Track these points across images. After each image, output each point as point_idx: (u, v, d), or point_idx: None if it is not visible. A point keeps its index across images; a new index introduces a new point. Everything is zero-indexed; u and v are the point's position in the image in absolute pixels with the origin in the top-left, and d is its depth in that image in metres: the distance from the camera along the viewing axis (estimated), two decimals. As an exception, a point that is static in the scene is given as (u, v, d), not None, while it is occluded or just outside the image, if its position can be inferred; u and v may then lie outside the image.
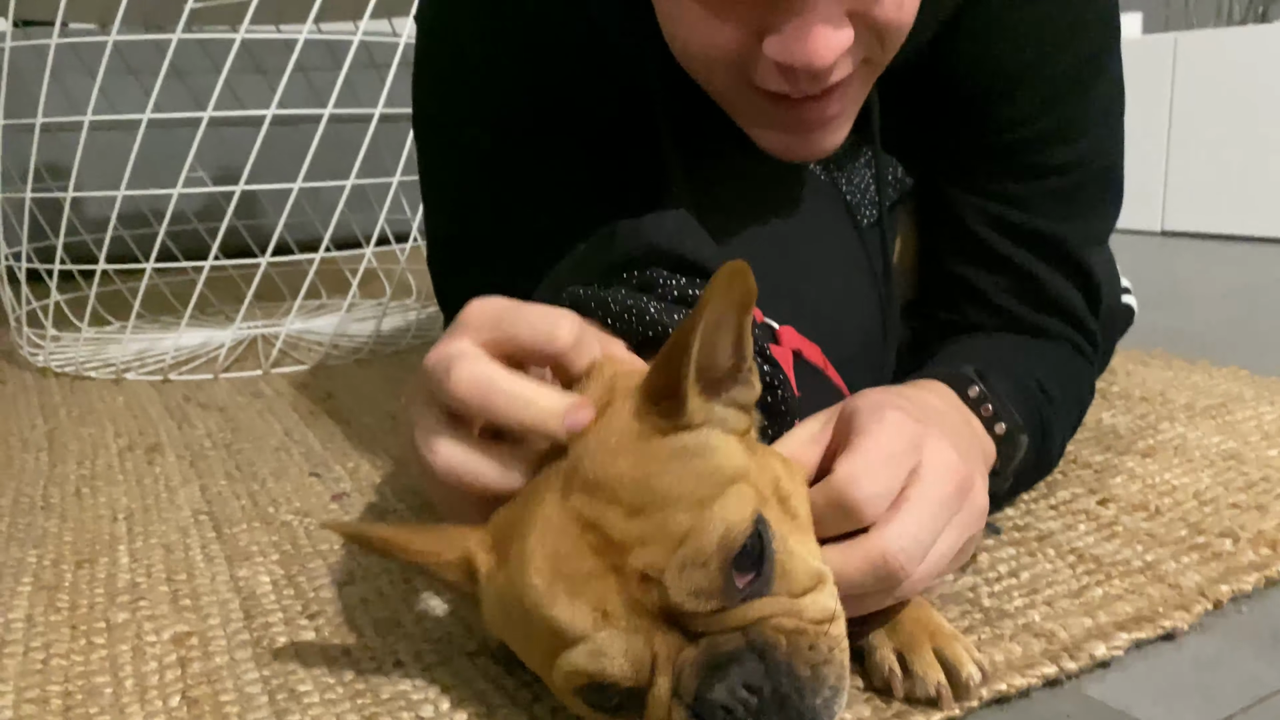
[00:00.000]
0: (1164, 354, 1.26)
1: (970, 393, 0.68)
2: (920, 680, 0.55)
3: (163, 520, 0.87)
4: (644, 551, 0.48)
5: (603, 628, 0.48)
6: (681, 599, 0.47)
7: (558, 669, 0.49)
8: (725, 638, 0.48)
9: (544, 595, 0.49)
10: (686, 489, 0.49)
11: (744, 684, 0.47)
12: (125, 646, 0.66)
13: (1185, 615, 0.64)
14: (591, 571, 0.48)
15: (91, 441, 1.11)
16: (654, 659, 0.48)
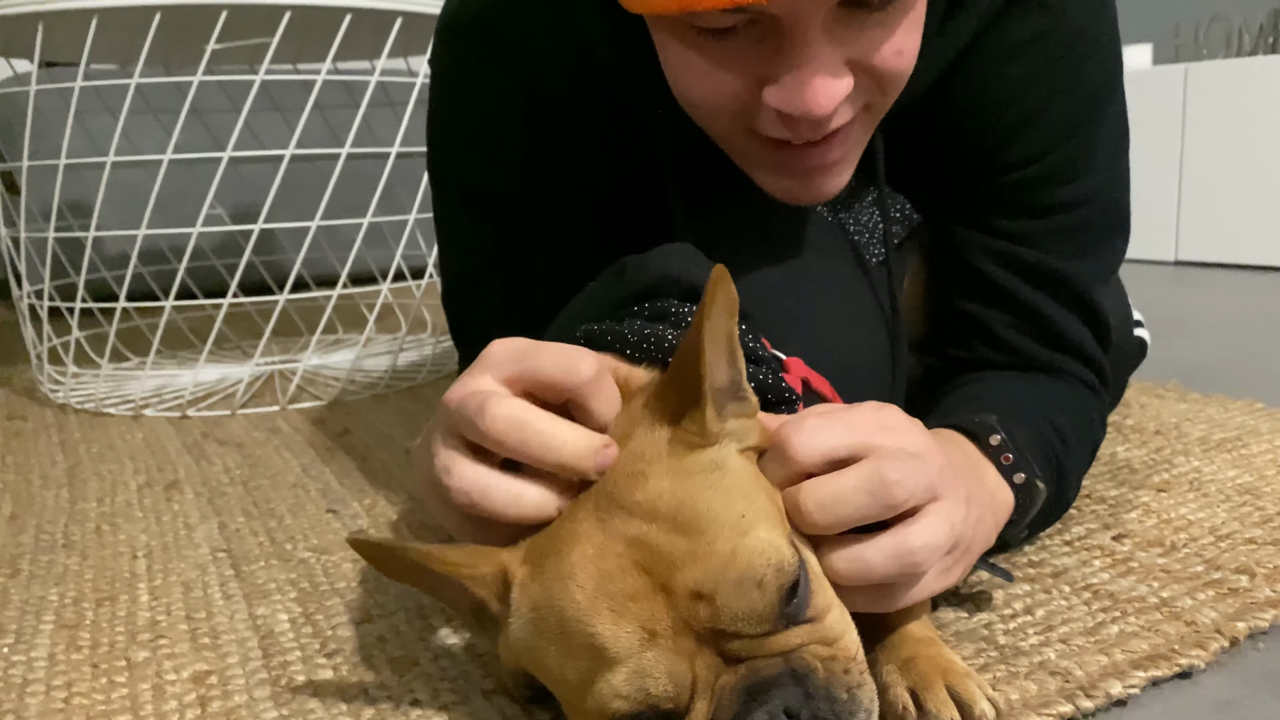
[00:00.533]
0: (1178, 387, 1.26)
1: (992, 441, 0.68)
2: (934, 718, 0.55)
3: (181, 558, 0.88)
4: (695, 569, 0.48)
5: (649, 648, 0.48)
6: (734, 619, 0.48)
7: (596, 691, 0.49)
8: (766, 662, 0.49)
9: (587, 611, 0.49)
10: (726, 506, 0.50)
11: (785, 709, 0.48)
12: (145, 685, 0.66)
13: (1202, 653, 0.64)
14: (638, 589, 0.49)
15: (111, 479, 1.12)
16: (694, 683, 0.48)
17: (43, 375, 1.54)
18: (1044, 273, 0.83)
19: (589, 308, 0.71)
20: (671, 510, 0.50)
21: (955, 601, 0.72)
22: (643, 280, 0.68)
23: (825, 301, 0.82)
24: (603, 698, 0.49)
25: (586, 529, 0.52)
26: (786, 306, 0.79)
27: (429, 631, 0.72)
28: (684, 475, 0.52)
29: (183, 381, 1.51)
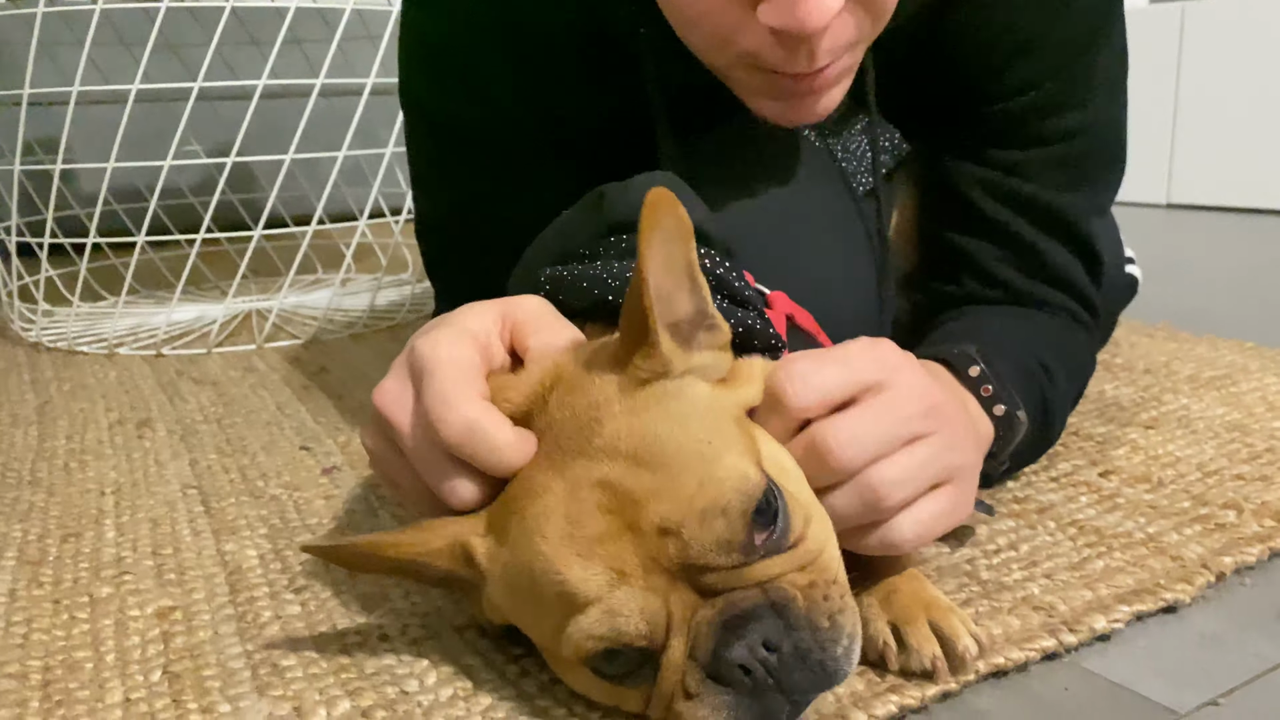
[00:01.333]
0: (1169, 326, 1.24)
1: (971, 372, 0.67)
2: (915, 653, 0.54)
3: (151, 494, 0.86)
4: (660, 505, 0.47)
5: (619, 587, 0.46)
6: (703, 551, 0.46)
7: (568, 635, 0.47)
8: (743, 594, 0.47)
9: (555, 561, 0.47)
10: (689, 438, 0.48)
11: (764, 641, 0.46)
12: (108, 621, 0.65)
13: (1187, 588, 0.63)
14: (604, 532, 0.47)
15: (82, 416, 1.09)
16: (669, 620, 0.47)
17: (14, 314, 1.51)
18: (1036, 205, 0.80)
19: (564, 240, 0.68)
20: (631, 448, 0.48)
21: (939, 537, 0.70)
22: (621, 211, 0.65)
23: (813, 233, 0.79)
24: (575, 640, 0.47)
25: (544, 482, 0.50)
26: (773, 238, 0.77)
27: (401, 567, 0.70)
28: (640, 410, 0.50)
29: (157, 321, 1.48)
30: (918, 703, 0.53)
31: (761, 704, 0.47)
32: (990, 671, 0.55)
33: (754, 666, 0.46)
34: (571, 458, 0.49)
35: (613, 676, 0.49)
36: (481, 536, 0.52)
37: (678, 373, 0.52)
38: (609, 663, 0.48)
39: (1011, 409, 0.67)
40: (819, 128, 0.84)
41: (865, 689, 0.54)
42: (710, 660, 0.47)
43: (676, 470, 0.47)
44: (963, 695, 0.54)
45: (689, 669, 0.47)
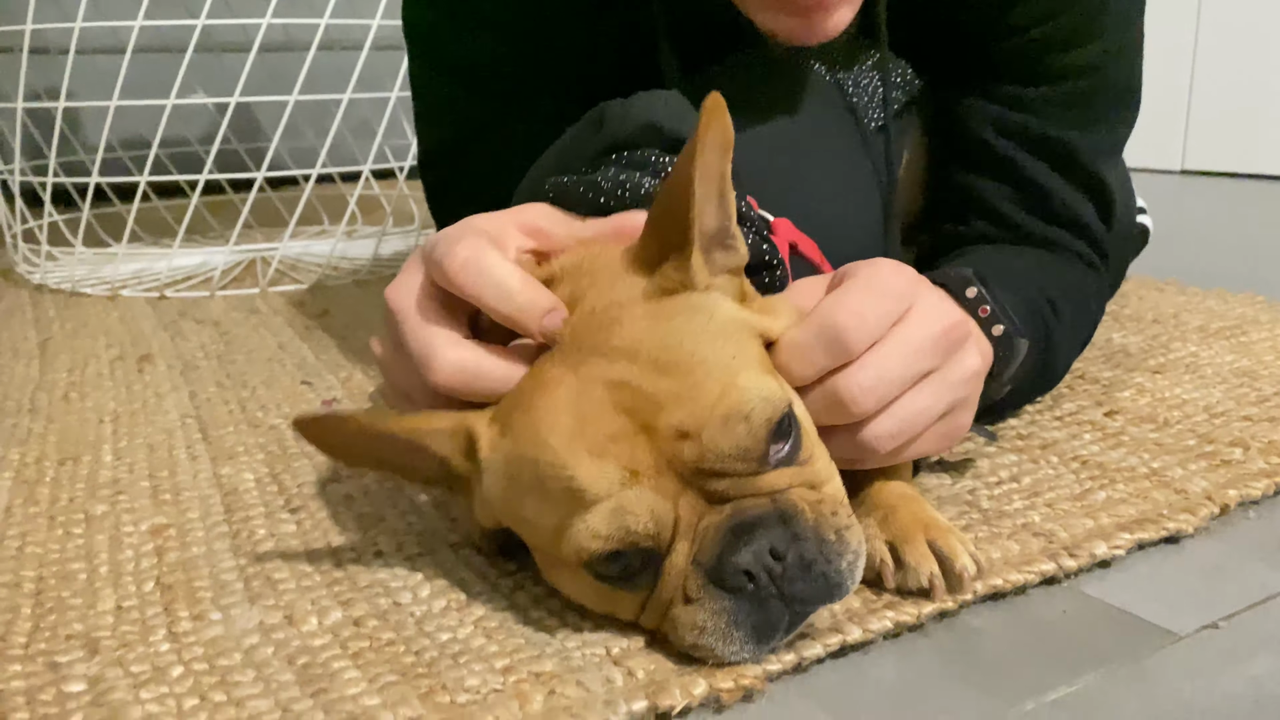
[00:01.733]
0: (1178, 281, 1.23)
1: (968, 293, 0.66)
2: (912, 571, 0.53)
3: (149, 423, 0.86)
4: (679, 409, 0.46)
5: (629, 486, 0.46)
6: (719, 456, 0.46)
7: (573, 533, 0.47)
8: (752, 502, 0.47)
9: (564, 456, 0.47)
10: (714, 348, 0.48)
11: (770, 549, 0.46)
12: (102, 536, 0.65)
13: (1190, 519, 0.62)
14: (620, 431, 0.46)
15: (83, 352, 1.09)
16: (676, 523, 0.47)
17: (18, 256, 1.50)
18: (1047, 143, 0.79)
19: (563, 158, 0.67)
20: (654, 352, 0.48)
21: (939, 468, 0.70)
22: (623, 128, 0.64)
23: (820, 165, 0.78)
24: (579, 539, 0.47)
25: (557, 376, 0.49)
26: (780, 168, 0.75)
27: (397, 491, 0.70)
28: (666, 317, 0.49)
29: (160, 266, 1.48)
30: (914, 619, 0.52)
31: (762, 611, 0.46)
32: (988, 593, 0.55)
33: (758, 572, 0.46)
34: (588, 355, 0.49)
35: (611, 579, 0.49)
36: (487, 424, 0.51)
37: (702, 287, 0.51)
38: (610, 564, 0.48)
39: (1010, 329, 0.65)
40: (829, 61, 0.82)
41: (861, 606, 0.53)
42: (715, 564, 0.46)
43: (700, 377, 0.47)
44: (959, 615, 0.54)
45: (691, 573, 0.47)
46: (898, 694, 0.48)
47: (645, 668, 0.48)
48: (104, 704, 0.47)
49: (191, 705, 0.47)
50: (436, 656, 0.50)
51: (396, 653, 0.50)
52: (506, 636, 0.51)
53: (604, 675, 0.48)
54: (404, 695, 0.46)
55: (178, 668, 0.50)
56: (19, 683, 0.49)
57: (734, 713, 0.47)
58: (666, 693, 0.46)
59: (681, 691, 0.46)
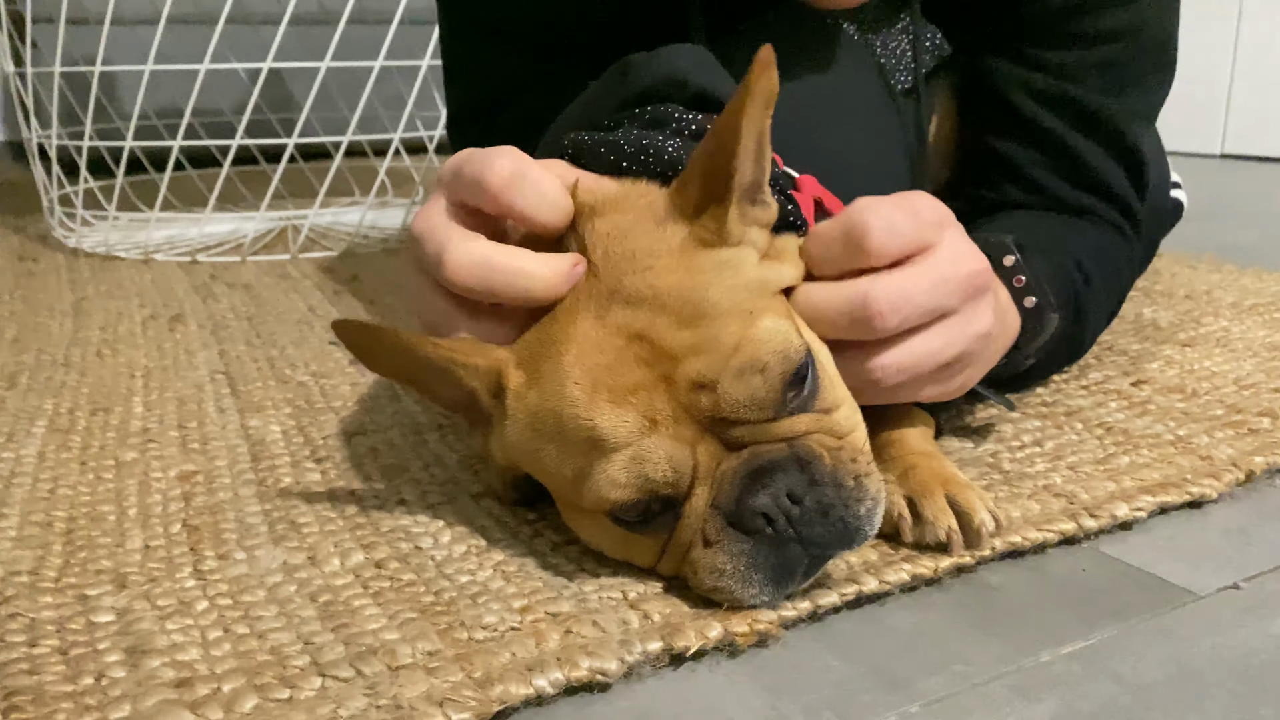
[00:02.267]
0: (1213, 258, 1.21)
1: (1005, 261, 0.65)
2: (930, 525, 0.53)
3: (180, 378, 0.87)
4: (697, 360, 0.47)
5: (649, 435, 0.47)
6: (735, 405, 0.46)
7: (593, 481, 0.47)
8: (770, 447, 0.47)
9: (587, 405, 0.47)
10: (738, 301, 0.48)
11: (788, 492, 0.46)
12: (132, 481, 0.66)
13: (1215, 484, 0.61)
14: (639, 382, 0.47)
15: (116, 311, 1.11)
16: (695, 469, 0.47)
17: (54, 221, 1.53)
18: (1080, 109, 0.78)
19: (587, 111, 0.67)
20: (679, 305, 0.48)
21: (962, 432, 0.70)
22: (645, 80, 0.64)
23: (848, 123, 0.78)
24: (600, 488, 0.47)
25: (584, 328, 0.49)
26: (807, 125, 0.75)
27: (422, 445, 0.70)
28: (697, 271, 0.49)
29: (193, 233, 1.50)
30: (931, 573, 0.52)
31: (780, 554, 0.47)
32: (1006, 550, 0.55)
33: (776, 515, 0.46)
34: (616, 301, 0.49)
35: (630, 523, 0.49)
36: (515, 367, 0.51)
37: (735, 241, 0.51)
38: (630, 509, 0.48)
39: (1043, 303, 0.65)
40: (860, 22, 0.82)
41: (878, 559, 0.53)
42: (733, 508, 0.47)
43: (718, 330, 0.47)
44: (977, 571, 0.54)
45: (710, 517, 0.48)
46: (912, 643, 0.48)
47: (661, 611, 0.49)
48: (131, 633, 0.48)
49: (215, 636, 0.48)
50: (455, 596, 0.50)
51: (416, 593, 0.51)
52: (525, 579, 0.52)
53: (620, 617, 0.48)
54: (423, 630, 0.47)
55: (203, 602, 0.51)
56: (50, 613, 0.50)
57: (748, 657, 0.47)
58: (681, 635, 0.47)
59: (696, 634, 0.47)
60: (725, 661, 0.47)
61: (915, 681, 0.45)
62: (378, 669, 0.45)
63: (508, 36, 0.85)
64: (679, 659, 0.46)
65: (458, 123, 0.93)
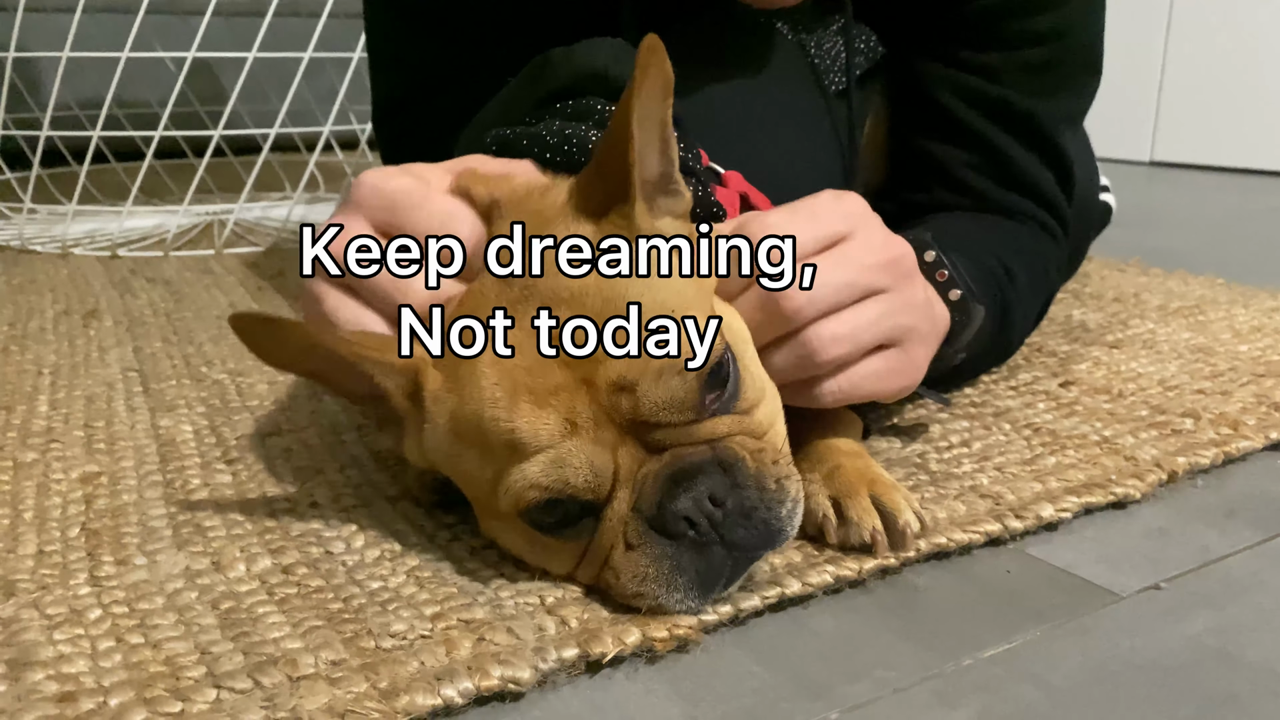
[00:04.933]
0: (1140, 263, 1.23)
1: (926, 257, 0.65)
2: (855, 526, 0.52)
3: (90, 375, 0.84)
4: (617, 362, 0.45)
5: (569, 437, 0.45)
6: (655, 408, 0.45)
7: (511, 483, 0.46)
8: (691, 450, 0.46)
9: (508, 408, 0.46)
10: (653, 300, 0.47)
11: (710, 495, 0.46)
12: (30, 483, 0.63)
13: (1139, 484, 0.61)
14: (560, 384, 0.46)
15: (28, 307, 1.06)
16: (616, 472, 0.46)
17: (-33, 213, 1.47)
18: (1008, 110, 0.78)
19: (508, 108, 0.66)
20: (596, 306, 0.47)
21: (890, 432, 0.69)
22: (565, 75, 0.63)
23: (778, 124, 0.77)
24: (517, 489, 0.46)
25: (500, 325, 0.48)
26: (735, 124, 0.74)
27: (339, 445, 0.68)
28: (609, 268, 0.48)
29: (114, 227, 1.45)
30: (855, 575, 0.51)
31: (704, 558, 0.46)
32: (931, 551, 0.54)
33: (698, 519, 0.45)
34: (533, 303, 0.47)
35: (549, 527, 0.48)
36: (434, 369, 0.49)
37: (647, 233, 0.50)
38: (547, 512, 0.47)
39: (967, 295, 0.65)
40: (794, 23, 0.81)
41: (802, 560, 0.52)
42: (655, 511, 0.46)
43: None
44: (902, 572, 0.53)
45: (631, 521, 0.46)
46: (834, 647, 0.47)
47: (579, 617, 0.47)
48: (14, 644, 0.45)
49: (106, 647, 0.45)
50: (365, 603, 0.48)
51: (324, 599, 0.49)
52: (439, 585, 0.50)
53: (536, 623, 0.46)
54: (327, 639, 0.45)
55: (96, 610, 0.48)
56: (-72, 623, 0.47)
57: (667, 663, 0.46)
58: (598, 641, 0.45)
59: (614, 640, 0.45)
60: (643, 668, 0.46)
61: (836, 688, 0.44)
62: (277, 680, 0.42)
63: (435, 22, 0.83)
64: (596, 666, 0.45)
65: (385, 114, 0.90)
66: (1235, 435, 0.69)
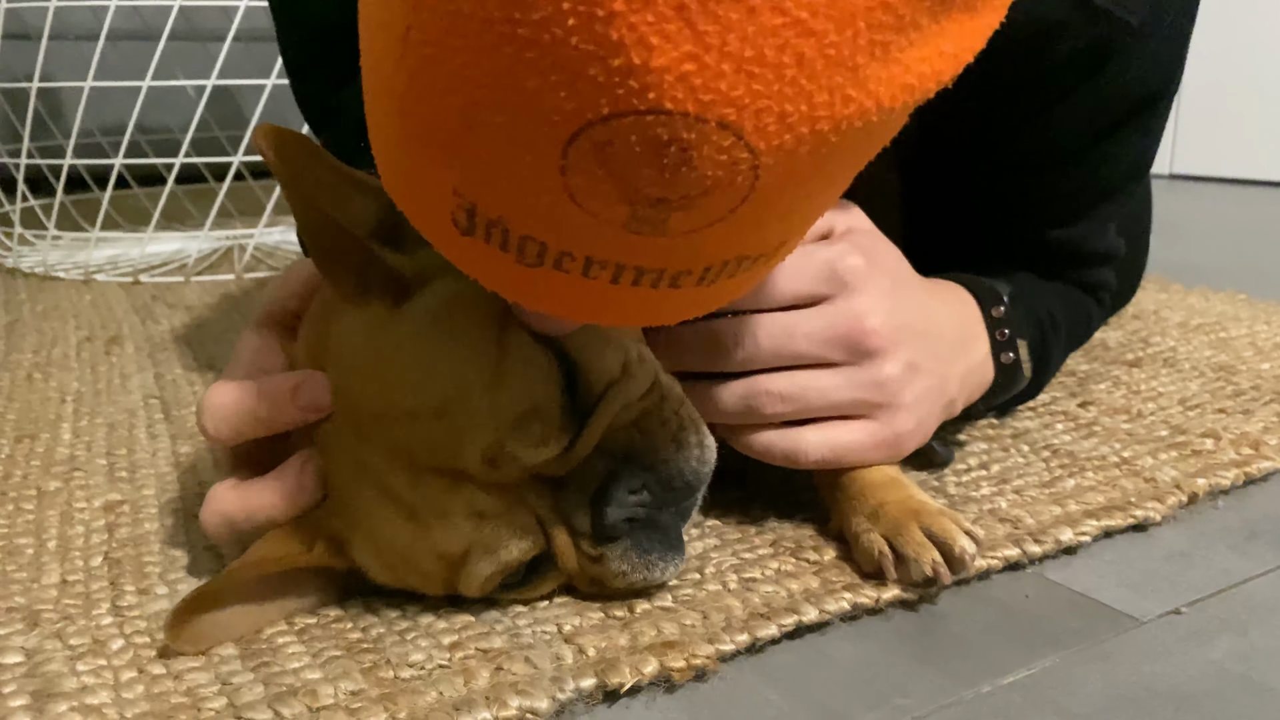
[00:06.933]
0: (1160, 278, 1.22)
1: (995, 312, 0.63)
2: (914, 563, 0.51)
3: (112, 403, 0.84)
4: (472, 441, 0.45)
5: (483, 527, 0.46)
6: (533, 457, 0.45)
7: (466, 585, 0.48)
8: (587, 467, 0.47)
9: (416, 537, 0.47)
10: (462, 357, 0.45)
11: (630, 493, 0.47)
12: (53, 512, 0.63)
13: (1159, 506, 0.61)
14: (443, 488, 0.46)
15: (51, 334, 1.08)
16: (540, 523, 0.47)
17: (-9, 240, 1.49)
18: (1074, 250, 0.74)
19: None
20: (416, 400, 0.45)
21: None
22: None
23: None
24: (476, 583, 0.48)
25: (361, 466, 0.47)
26: None
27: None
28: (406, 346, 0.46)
29: (135, 253, 1.47)
30: (872, 602, 0.51)
31: (656, 527, 0.48)
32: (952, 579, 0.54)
33: (635, 514, 0.47)
34: (369, 426, 0.47)
35: (519, 585, 0.50)
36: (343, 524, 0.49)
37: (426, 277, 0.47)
38: (511, 579, 0.49)
39: (1018, 360, 0.64)
40: None
41: (819, 587, 0.52)
42: (597, 532, 0.47)
43: (468, 399, 0.45)
44: (920, 598, 0.53)
45: (581, 545, 0.48)
46: (852, 675, 0.47)
47: (597, 645, 0.47)
48: (39, 675, 0.46)
49: (129, 678, 0.45)
50: (383, 633, 0.49)
51: (343, 629, 0.49)
52: (456, 614, 0.50)
53: (553, 652, 0.47)
54: (346, 669, 0.45)
55: (118, 640, 0.48)
56: (-46, 654, 0.48)
57: (684, 692, 0.46)
58: (616, 671, 0.45)
59: (632, 670, 0.45)
60: (661, 697, 0.46)
61: (854, 716, 0.44)
62: (297, 710, 0.43)
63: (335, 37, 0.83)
64: (613, 695, 0.45)
65: (316, 124, 0.91)
66: (1257, 455, 0.68)
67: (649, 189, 0.32)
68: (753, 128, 0.31)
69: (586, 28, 0.29)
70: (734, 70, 0.30)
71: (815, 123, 0.31)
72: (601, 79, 0.29)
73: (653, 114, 0.30)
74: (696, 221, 0.34)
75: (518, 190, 0.34)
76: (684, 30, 0.29)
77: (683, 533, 0.50)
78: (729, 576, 0.53)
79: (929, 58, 0.32)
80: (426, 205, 0.38)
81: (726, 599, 0.51)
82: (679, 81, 0.29)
